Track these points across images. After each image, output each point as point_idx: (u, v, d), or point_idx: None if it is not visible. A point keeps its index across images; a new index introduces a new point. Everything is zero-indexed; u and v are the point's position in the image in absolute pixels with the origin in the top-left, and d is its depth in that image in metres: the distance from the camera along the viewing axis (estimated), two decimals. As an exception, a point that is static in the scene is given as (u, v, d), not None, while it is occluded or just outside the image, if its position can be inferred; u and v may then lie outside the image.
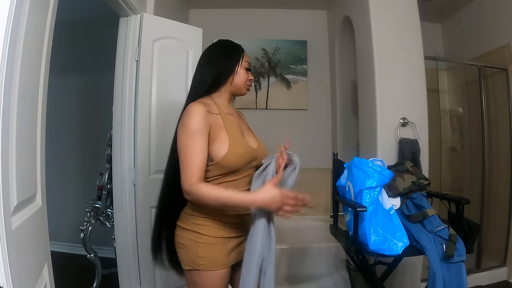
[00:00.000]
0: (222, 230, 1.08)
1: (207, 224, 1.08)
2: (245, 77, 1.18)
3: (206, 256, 1.06)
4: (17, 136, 0.78)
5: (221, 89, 1.17)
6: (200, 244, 1.06)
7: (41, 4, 0.90)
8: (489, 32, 2.63)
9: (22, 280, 0.78)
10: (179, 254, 1.11)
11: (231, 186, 1.07)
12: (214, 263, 1.06)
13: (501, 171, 2.54)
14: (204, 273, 1.06)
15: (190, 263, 1.07)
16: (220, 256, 1.08)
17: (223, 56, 1.16)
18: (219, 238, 1.08)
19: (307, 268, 2.25)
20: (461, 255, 1.31)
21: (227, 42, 1.22)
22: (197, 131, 1.01)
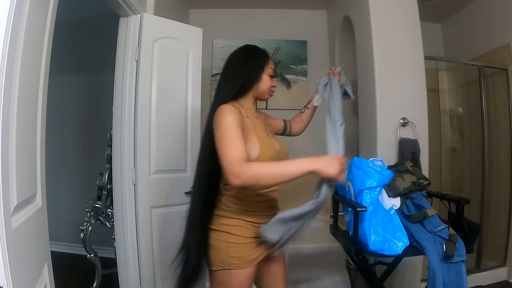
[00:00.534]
0: (251, 231, 1.13)
1: (238, 224, 1.12)
2: (269, 83, 1.23)
3: (238, 255, 1.10)
4: (17, 136, 0.78)
5: (247, 95, 1.21)
6: (232, 244, 1.10)
7: (41, 4, 0.90)
8: (489, 32, 2.63)
9: (22, 280, 0.78)
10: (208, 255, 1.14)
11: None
12: (245, 262, 1.10)
13: (501, 171, 2.54)
14: (235, 272, 1.09)
15: (219, 263, 1.10)
16: (250, 255, 1.12)
17: (249, 63, 1.20)
18: (249, 238, 1.12)
19: (307, 268, 2.24)
20: (461, 255, 1.31)
21: (253, 49, 1.25)
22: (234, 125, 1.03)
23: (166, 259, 1.93)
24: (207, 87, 3.03)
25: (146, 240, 1.86)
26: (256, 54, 1.23)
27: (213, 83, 3.10)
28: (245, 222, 1.13)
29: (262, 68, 1.21)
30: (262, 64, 1.21)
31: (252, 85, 1.20)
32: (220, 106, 1.09)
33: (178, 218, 1.99)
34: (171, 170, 1.96)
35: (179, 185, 1.98)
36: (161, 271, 1.91)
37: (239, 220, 1.12)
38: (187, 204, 2.05)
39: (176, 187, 1.97)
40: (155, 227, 1.89)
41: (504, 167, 2.51)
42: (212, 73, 3.10)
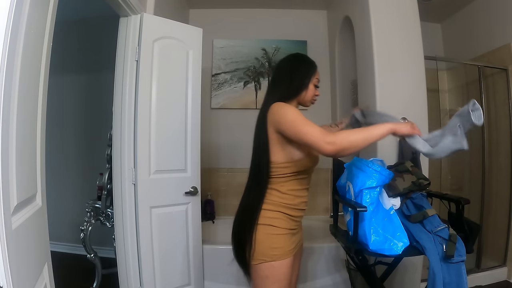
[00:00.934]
0: (288, 223, 1.23)
1: (278, 217, 1.21)
2: (313, 92, 1.32)
3: (279, 246, 1.18)
4: (17, 136, 0.78)
5: (293, 100, 1.30)
6: (274, 236, 1.19)
7: (41, 4, 0.90)
8: (489, 32, 2.63)
9: (22, 280, 0.78)
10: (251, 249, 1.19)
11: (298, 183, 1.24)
12: (286, 253, 1.19)
13: (501, 171, 2.54)
14: (277, 263, 1.17)
15: (261, 256, 1.17)
16: (289, 246, 1.22)
17: (299, 71, 1.29)
18: (287, 230, 1.23)
19: (307, 268, 2.24)
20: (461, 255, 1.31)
21: (304, 59, 1.35)
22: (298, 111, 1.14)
23: (166, 259, 1.94)
24: (207, 87, 3.03)
25: (146, 240, 1.86)
26: (306, 64, 1.32)
27: (213, 83, 3.10)
28: (283, 215, 1.22)
29: (310, 77, 1.30)
30: (310, 73, 1.30)
31: (300, 92, 1.29)
32: (274, 103, 1.19)
33: (178, 218, 2.01)
34: (171, 170, 1.96)
35: (179, 185, 1.98)
36: (161, 271, 1.92)
37: (278, 212, 1.21)
38: (187, 204, 2.07)
39: (176, 187, 1.97)
40: (155, 227, 1.89)
41: (504, 167, 2.51)
42: (212, 73, 3.10)
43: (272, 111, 1.18)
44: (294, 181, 1.23)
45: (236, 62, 3.11)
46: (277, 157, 1.20)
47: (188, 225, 2.03)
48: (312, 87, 1.31)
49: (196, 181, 2.04)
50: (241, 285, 2.15)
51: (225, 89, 3.10)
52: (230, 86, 3.10)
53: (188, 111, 2.03)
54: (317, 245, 2.30)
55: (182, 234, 2.01)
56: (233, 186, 3.03)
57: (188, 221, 2.03)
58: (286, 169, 1.20)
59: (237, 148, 3.03)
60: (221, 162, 3.07)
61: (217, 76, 3.11)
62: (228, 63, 3.12)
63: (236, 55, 3.12)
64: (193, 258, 2.05)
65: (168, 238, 1.95)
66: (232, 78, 3.11)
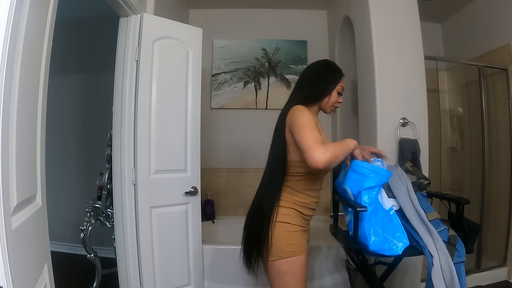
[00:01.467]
0: (300, 220, 1.29)
1: (292, 214, 1.26)
2: (336, 99, 1.36)
3: (295, 242, 1.24)
4: (17, 136, 0.77)
5: (316, 104, 1.36)
6: (289, 232, 1.24)
7: (41, 4, 0.90)
8: (489, 32, 2.63)
9: (22, 280, 0.78)
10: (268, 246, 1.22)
11: (311, 183, 1.30)
12: (301, 248, 1.25)
13: (501, 171, 2.54)
14: (294, 259, 1.22)
15: (278, 253, 1.21)
16: (303, 241, 1.28)
17: (325, 78, 1.34)
18: (300, 226, 1.28)
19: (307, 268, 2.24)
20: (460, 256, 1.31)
21: (331, 66, 1.40)
22: (312, 119, 1.20)
23: (166, 259, 1.94)
24: (207, 87, 3.03)
25: (146, 240, 1.86)
26: (332, 71, 1.37)
27: (213, 83, 3.10)
28: (296, 212, 1.27)
29: (334, 84, 1.34)
30: (335, 81, 1.35)
31: (322, 98, 1.34)
32: (295, 106, 1.25)
33: (178, 218, 2.01)
34: (171, 170, 1.96)
35: (179, 185, 1.98)
36: (161, 271, 1.92)
37: (292, 209, 1.26)
38: (187, 204, 2.07)
39: (176, 187, 1.97)
40: (155, 227, 1.89)
41: (504, 167, 2.51)
42: (212, 73, 3.10)
43: (291, 113, 1.24)
44: (307, 181, 1.28)
45: (236, 62, 3.11)
46: (293, 156, 1.25)
47: (188, 225, 2.03)
48: (335, 94, 1.35)
49: (196, 181, 2.04)
50: (241, 285, 2.15)
51: (225, 89, 3.10)
52: (230, 86, 3.10)
53: (188, 111, 2.03)
54: (317, 245, 2.30)
55: (182, 234, 2.01)
56: (233, 186, 3.03)
57: (188, 221, 2.03)
58: (300, 168, 1.25)
59: (237, 148, 3.03)
60: (221, 162, 3.07)
61: (217, 76, 3.11)
62: (228, 63, 3.12)
63: (236, 55, 3.12)
64: (193, 258, 2.05)
65: (168, 238, 1.95)
66: (232, 78, 3.11)
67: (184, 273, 2.02)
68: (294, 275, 1.23)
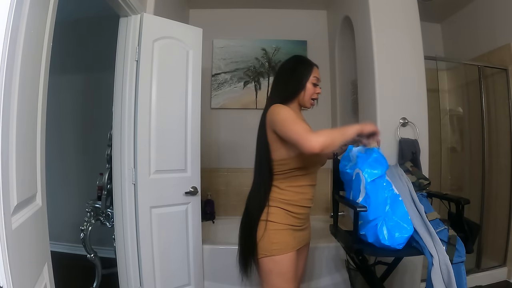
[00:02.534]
0: (288, 219, 1.26)
1: (276, 212, 1.25)
2: (312, 91, 1.34)
3: (279, 241, 1.22)
4: (17, 136, 0.77)
5: (294, 101, 1.34)
6: (273, 231, 1.23)
7: (41, 4, 0.90)
8: (489, 32, 2.63)
9: (22, 280, 0.78)
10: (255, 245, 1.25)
11: (300, 180, 1.28)
12: (286, 247, 1.23)
13: (501, 171, 2.54)
14: (278, 257, 1.21)
15: (263, 251, 1.23)
16: (290, 240, 1.25)
17: (296, 73, 1.33)
18: (287, 225, 1.26)
19: (307, 268, 2.24)
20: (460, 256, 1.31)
21: (300, 59, 1.39)
22: (291, 112, 1.20)
23: (166, 259, 1.94)
24: (207, 87, 3.03)
25: (146, 240, 1.86)
26: (302, 64, 1.35)
27: (213, 83, 3.10)
28: (282, 210, 1.26)
29: (307, 77, 1.32)
30: (307, 73, 1.33)
31: (298, 92, 1.32)
32: (273, 105, 1.25)
33: (178, 218, 2.01)
34: (171, 170, 1.96)
35: (179, 185, 1.98)
36: (161, 271, 1.92)
37: (277, 208, 1.26)
38: (187, 204, 2.07)
39: (176, 187, 1.97)
40: (155, 227, 1.89)
41: (504, 167, 2.51)
42: (212, 73, 3.10)
43: (269, 112, 1.25)
44: (294, 178, 1.27)
45: (236, 62, 3.11)
46: (276, 154, 1.26)
47: (188, 225, 2.03)
48: (310, 86, 1.33)
49: (196, 181, 2.04)
50: (241, 285, 2.15)
51: (225, 89, 3.10)
52: (230, 86, 3.10)
53: (188, 111, 2.03)
54: (317, 245, 2.30)
55: (182, 234, 2.01)
56: (233, 186, 3.03)
57: (188, 221, 2.03)
58: (285, 165, 1.25)
59: (237, 148, 3.03)
60: (221, 162, 3.07)
61: (217, 76, 3.11)
62: (228, 63, 3.12)
63: (236, 55, 3.12)
64: (193, 258, 2.05)
65: (168, 238, 1.95)
66: (232, 78, 3.11)
67: (184, 273, 2.02)
68: (279, 274, 1.22)
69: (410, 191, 1.44)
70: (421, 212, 1.37)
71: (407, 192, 1.43)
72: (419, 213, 1.37)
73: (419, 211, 1.38)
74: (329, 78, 3.13)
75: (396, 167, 1.58)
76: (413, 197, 1.41)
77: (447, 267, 1.26)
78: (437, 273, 1.26)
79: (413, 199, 1.41)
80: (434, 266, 1.26)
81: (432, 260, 1.28)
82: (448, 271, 1.25)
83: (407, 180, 1.49)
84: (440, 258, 1.27)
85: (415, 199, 1.41)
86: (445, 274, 1.26)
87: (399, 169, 1.57)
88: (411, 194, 1.43)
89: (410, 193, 1.43)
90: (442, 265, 1.26)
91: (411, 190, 1.44)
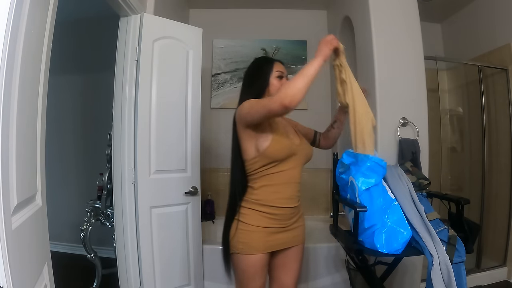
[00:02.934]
0: (262, 221, 1.25)
1: (248, 213, 1.26)
2: (277, 85, 1.34)
3: (245, 241, 1.25)
4: (17, 136, 0.78)
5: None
6: (241, 231, 1.26)
7: (41, 4, 0.90)
8: (489, 32, 2.63)
9: (22, 280, 0.78)
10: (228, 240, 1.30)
11: (274, 179, 1.26)
12: (252, 249, 1.24)
13: (501, 171, 2.54)
14: (243, 256, 1.24)
15: (232, 248, 1.28)
16: (256, 243, 1.24)
17: (258, 73, 1.36)
18: (260, 227, 1.25)
19: (307, 268, 2.24)
20: (460, 256, 1.31)
21: (260, 59, 1.43)
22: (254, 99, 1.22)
23: (166, 259, 1.94)
24: (207, 87, 3.03)
25: (146, 240, 1.86)
26: (262, 63, 1.38)
27: (213, 83, 3.10)
28: (255, 211, 1.26)
29: (269, 73, 1.34)
30: (268, 69, 1.34)
31: (264, 89, 1.34)
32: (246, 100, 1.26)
33: (178, 218, 2.01)
34: (171, 170, 1.96)
35: (179, 185, 1.98)
36: (161, 271, 1.91)
37: (249, 209, 1.26)
38: (187, 204, 2.07)
39: (176, 187, 1.97)
40: (155, 227, 1.89)
41: (504, 167, 2.51)
42: (212, 73, 3.10)
43: (236, 113, 1.29)
44: (268, 177, 1.26)
45: (236, 62, 3.11)
46: (247, 154, 1.27)
47: (188, 225, 2.03)
48: (275, 80, 1.34)
49: (196, 181, 2.04)
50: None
51: (225, 89, 3.10)
52: (230, 86, 3.10)
53: (188, 111, 2.03)
54: (317, 245, 2.30)
55: (182, 234, 2.01)
56: (233, 186, 3.02)
57: (188, 221, 2.03)
58: (256, 164, 1.26)
59: (237, 148, 3.02)
60: (221, 162, 3.07)
61: (217, 76, 3.11)
62: (228, 63, 3.12)
63: (236, 55, 3.12)
64: (193, 258, 2.05)
65: (168, 238, 1.95)
66: (232, 78, 3.11)
67: (184, 273, 2.02)
68: (243, 271, 1.27)
69: (410, 191, 1.44)
70: (421, 212, 1.37)
71: (407, 192, 1.43)
72: (419, 213, 1.37)
73: (419, 211, 1.38)
74: (329, 78, 3.12)
75: (396, 167, 1.58)
76: (413, 197, 1.41)
77: (447, 267, 1.26)
78: (437, 273, 1.25)
79: (413, 199, 1.41)
80: (434, 266, 1.26)
81: (432, 260, 1.27)
82: (448, 271, 1.25)
83: (407, 180, 1.49)
84: (440, 258, 1.26)
85: (415, 199, 1.41)
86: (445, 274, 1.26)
87: (399, 169, 1.57)
88: (411, 194, 1.43)
89: (410, 193, 1.43)
90: (442, 265, 1.26)
91: (411, 190, 1.44)
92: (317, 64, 1.13)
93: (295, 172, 1.31)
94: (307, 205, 3.13)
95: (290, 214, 1.31)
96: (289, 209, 1.30)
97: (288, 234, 1.32)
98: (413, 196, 1.42)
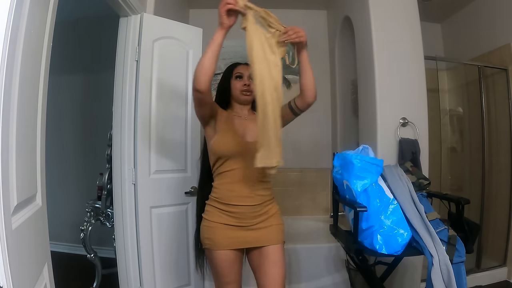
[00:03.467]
0: (221, 217, 1.27)
1: (209, 210, 1.31)
2: (237, 86, 1.40)
3: (209, 237, 1.28)
4: (17, 136, 0.77)
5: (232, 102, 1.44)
6: (205, 227, 1.30)
7: (41, 4, 0.90)
8: (489, 32, 2.63)
9: (22, 280, 0.78)
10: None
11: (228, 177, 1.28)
12: (215, 245, 1.26)
13: (501, 171, 2.54)
14: (211, 251, 1.28)
15: (203, 243, 1.32)
16: (220, 239, 1.26)
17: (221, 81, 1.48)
18: (220, 224, 1.27)
19: (307, 268, 2.24)
20: (460, 256, 1.31)
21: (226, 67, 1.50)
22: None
23: (166, 259, 1.94)
24: (207, 87, 3.02)
25: (146, 240, 1.86)
26: (226, 69, 1.48)
27: (213, 83, 3.09)
28: (214, 208, 1.29)
29: (229, 76, 1.43)
30: (228, 73, 1.44)
31: (228, 94, 1.42)
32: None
33: (178, 218, 2.01)
34: (171, 170, 1.96)
35: (179, 185, 1.98)
36: (161, 271, 1.91)
37: (210, 206, 1.31)
38: (187, 204, 2.07)
39: (176, 187, 1.97)
40: (155, 227, 1.89)
41: (504, 167, 2.51)
42: (212, 73, 3.09)
43: None
44: (222, 175, 1.30)
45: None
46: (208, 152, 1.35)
47: (188, 225, 2.03)
48: (234, 81, 1.40)
49: (196, 181, 2.04)
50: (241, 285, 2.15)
51: (225, 89, 3.10)
52: (230, 86, 3.10)
53: (188, 111, 2.03)
54: (317, 245, 2.31)
55: (182, 234, 2.01)
56: (233, 186, 3.02)
57: (188, 221, 2.03)
58: (211, 161, 1.33)
59: (237, 148, 3.02)
60: (221, 162, 3.07)
61: (217, 76, 3.10)
62: (228, 63, 3.07)
63: (236, 55, 3.11)
64: (193, 258, 2.05)
65: (168, 238, 1.95)
66: (232, 78, 3.10)
67: (184, 273, 2.02)
68: (214, 266, 1.31)
69: (410, 191, 1.44)
70: (421, 212, 1.37)
71: (407, 192, 1.43)
72: (419, 213, 1.37)
73: (419, 211, 1.38)
74: (329, 78, 3.13)
75: (396, 167, 1.58)
76: (413, 197, 1.41)
77: (447, 267, 1.26)
78: (437, 273, 1.25)
79: (413, 199, 1.41)
80: (434, 266, 1.26)
81: (432, 260, 1.28)
82: (448, 271, 1.25)
83: (407, 180, 1.49)
84: (440, 258, 1.26)
85: (415, 199, 1.41)
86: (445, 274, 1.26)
87: (399, 169, 1.57)
88: (411, 194, 1.43)
89: (410, 193, 1.43)
90: (442, 265, 1.26)
91: (411, 190, 1.44)
92: (215, 35, 1.16)
93: (252, 171, 1.21)
94: (307, 205, 3.15)
95: (251, 213, 1.26)
96: (248, 208, 1.25)
97: (254, 234, 1.27)
98: (413, 196, 1.42)
